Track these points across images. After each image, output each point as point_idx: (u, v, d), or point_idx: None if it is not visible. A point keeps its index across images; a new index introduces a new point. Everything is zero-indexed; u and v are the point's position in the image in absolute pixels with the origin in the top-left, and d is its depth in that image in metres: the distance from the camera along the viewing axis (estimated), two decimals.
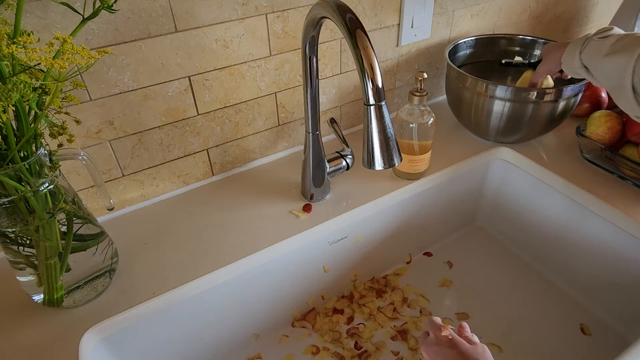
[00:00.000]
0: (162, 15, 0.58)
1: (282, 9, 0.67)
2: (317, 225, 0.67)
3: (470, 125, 0.84)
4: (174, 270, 0.60)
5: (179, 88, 0.64)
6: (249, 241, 0.64)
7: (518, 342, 0.73)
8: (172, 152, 0.69)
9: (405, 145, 0.70)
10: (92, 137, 0.61)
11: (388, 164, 0.47)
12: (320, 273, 0.74)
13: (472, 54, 0.90)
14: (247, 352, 0.72)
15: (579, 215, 0.74)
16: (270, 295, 0.70)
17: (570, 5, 1.07)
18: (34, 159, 0.45)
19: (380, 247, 0.79)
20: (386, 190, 0.73)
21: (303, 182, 0.70)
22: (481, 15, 0.92)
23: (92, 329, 0.54)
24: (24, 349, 0.52)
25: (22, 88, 0.38)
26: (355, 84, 0.82)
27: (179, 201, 0.72)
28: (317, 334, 0.74)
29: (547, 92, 0.72)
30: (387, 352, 0.72)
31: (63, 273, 0.52)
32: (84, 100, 0.58)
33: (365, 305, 0.78)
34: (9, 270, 0.54)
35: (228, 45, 0.65)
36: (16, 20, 0.40)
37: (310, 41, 0.54)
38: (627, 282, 0.71)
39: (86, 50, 0.41)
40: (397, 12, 0.79)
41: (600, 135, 0.75)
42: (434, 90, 0.97)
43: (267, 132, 0.77)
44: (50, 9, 0.51)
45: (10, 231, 0.48)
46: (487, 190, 0.89)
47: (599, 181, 0.73)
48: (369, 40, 0.43)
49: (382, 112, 0.45)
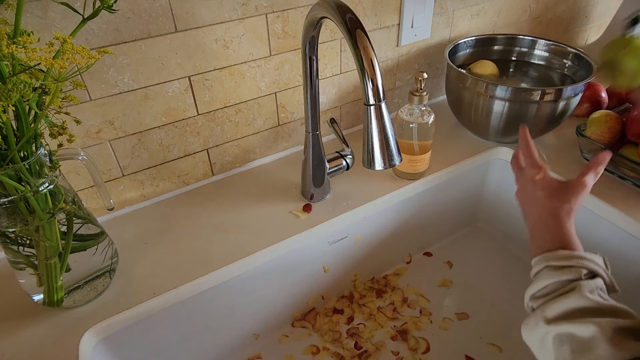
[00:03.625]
0: (162, 15, 0.58)
1: (282, 9, 0.67)
2: (317, 225, 0.67)
3: (470, 125, 0.84)
4: (174, 270, 0.60)
5: (179, 88, 0.64)
6: (249, 241, 0.64)
7: (518, 342, 0.72)
8: (172, 152, 0.69)
9: (405, 145, 0.70)
10: (92, 137, 0.61)
11: (388, 164, 0.47)
12: (320, 273, 0.74)
13: (472, 54, 0.90)
14: (247, 352, 0.72)
15: (579, 216, 0.73)
16: (270, 295, 0.70)
17: (570, 5, 1.07)
18: (34, 159, 0.45)
19: (380, 247, 0.79)
20: (386, 190, 0.72)
21: (303, 182, 0.70)
22: (481, 15, 0.92)
23: (92, 329, 0.54)
24: (24, 349, 0.52)
25: (22, 88, 0.38)
26: (355, 84, 0.82)
27: (179, 201, 0.72)
28: (317, 334, 0.74)
29: (547, 92, 0.72)
30: (387, 352, 0.72)
31: (63, 273, 0.52)
32: (84, 100, 0.58)
33: (365, 305, 0.78)
34: (9, 270, 0.54)
35: (228, 45, 0.65)
36: (16, 20, 0.40)
37: (310, 41, 0.54)
38: (627, 282, 0.71)
39: (86, 50, 0.41)
40: (397, 12, 0.79)
41: (600, 135, 0.75)
42: (434, 90, 0.97)
43: (267, 132, 0.77)
44: (50, 9, 0.51)
45: (10, 231, 0.48)
46: (487, 190, 0.89)
47: (599, 181, 0.73)
48: (369, 40, 0.43)
49: (382, 112, 0.45)
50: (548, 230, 0.47)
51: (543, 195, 0.50)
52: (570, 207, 0.49)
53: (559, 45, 0.86)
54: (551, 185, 0.51)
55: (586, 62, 0.80)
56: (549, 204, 0.49)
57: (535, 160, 0.53)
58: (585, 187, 0.50)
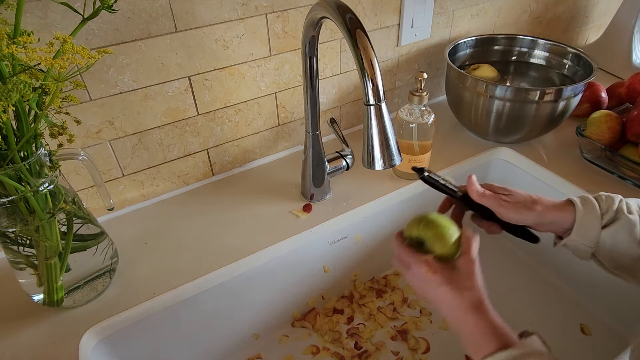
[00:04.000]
0: (162, 15, 0.58)
1: (282, 9, 0.67)
2: (317, 225, 0.67)
3: (470, 125, 0.84)
4: (174, 270, 0.60)
5: (179, 88, 0.64)
6: (249, 241, 0.64)
7: None
8: (172, 152, 0.69)
9: (405, 145, 0.70)
10: (92, 137, 0.61)
11: (388, 164, 0.47)
12: (320, 273, 0.74)
13: (472, 54, 0.90)
14: (247, 352, 0.72)
15: None
16: (270, 295, 0.70)
17: (570, 5, 1.07)
18: (34, 159, 0.45)
19: (380, 247, 0.79)
20: (386, 190, 0.72)
21: (303, 182, 0.70)
22: (481, 15, 0.92)
23: (92, 329, 0.54)
24: (24, 349, 0.52)
25: (22, 88, 0.38)
26: (355, 84, 0.82)
27: (179, 201, 0.72)
28: (317, 334, 0.74)
29: (546, 92, 0.72)
30: (387, 352, 0.72)
31: (63, 273, 0.52)
32: (84, 100, 0.58)
33: (365, 305, 0.78)
34: (9, 270, 0.54)
35: (228, 45, 0.65)
36: (16, 20, 0.40)
37: (310, 41, 0.54)
38: None
39: (86, 50, 0.41)
40: (397, 12, 0.79)
41: (600, 135, 0.75)
42: (434, 90, 0.97)
43: (267, 132, 0.77)
44: (50, 9, 0.51)
45: (10, 231, 0.48)
46: None
47: (599, 181, 0.73)
48: (369, 40, 0.43)
49: (382, 112, 0.45)
50: (475, 325, 0.44)
51: (445, 291, 0.45)
52: (477, 294, 0.45)
53: (559, 45, 0.86)
54: (447, 275, 0.46)
55: (586, 62, 0.80)
56: (458, 298, 0.45)
57: (419, 256, 0.48)
58: (473, 262, 0.47)
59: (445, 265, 0.47)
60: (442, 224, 0.49)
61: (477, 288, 0.46)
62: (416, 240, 0.49)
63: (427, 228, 0.49)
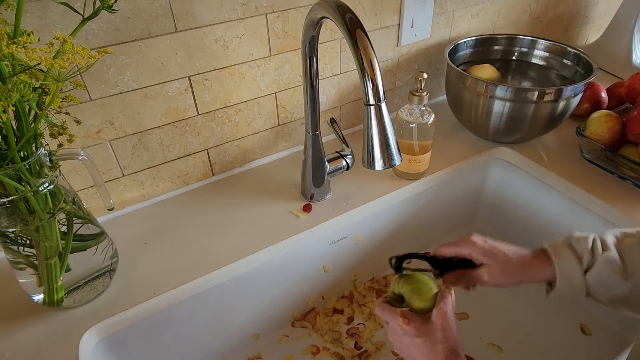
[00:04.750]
0: (162, 15, 0.58)
1: (282, 9, 0.67)
2: (317, 225, 0.67)
3: (470, 125, 0.84)
4: (174, 270, 0.60)
5: (179, 88, 0.64)
6: (249, 241, 0.64)
7: (518, 342, 0.73)
8: (172, 152, 0.69)
9: (405, 145, 0.70)
10: (92, 137, 0.62)
11: (388, 164, 0.47)
12: (320, 273, 0.74)
13: (472, 54, 0.90)
14: (247, 352, 0.72)
15: (579, 216, 0.74)
16: (270, 295, 0.70)
17: (570, 5, 1.07)
18: (34, 159, 0.45)
19: (380, 247, 0.79)
20: (386, 190, 0.73)
21: (303, 182, 0.70)
22: (481, 15, 0.92)
23: (92, 329, 0.54)
24: (24, 349, 0.52)
25: (22, 88, 0.38)
26: (355, 84, 0.82)
27: (179, 201, 0.72)
28: (317, 334, 0.74)
29: (547, 92, 0.72)
30: (387, 352, 0.72)
31: (63, 273, 0.52)
32: (84, 100, 0.58)
33: (365, 305, 0.78)
34: (9, 270, 0.54)
35: (228, 45, 0.65)
36: (16, 20, 0.40)
37: (310, 41, 0.54)
38: None
39: (86, 50, 0.41)
40: (397, 12, 0.79)
41: (600, 135, 0.75)
42: (434, 90, 0.97)
43: (267, 132, 0.77)
44: (50, 9, 0.51)
45: (10, 231, 0.48)
46: (487, 190, 0.89)
47: (599, 181, 0.73)
48: (369, 40, 0.43)
49: (382, 112, 0.45)
50: None
51: (419, 343, 0.46)
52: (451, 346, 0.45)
53: (559, 45, 0.86)
54: (419, 328, 0.47)
55: (586, 62, 0.80)
56: (431, 352, 0.45)
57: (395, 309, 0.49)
58: (446, 314, 0.47)
59: (419, 317, 0.47)
60: (421, 279, 0.51)
61: (451, 340, 0.46)
62: (397, 295, 0.51)
63: (405, 283, 0.50)
